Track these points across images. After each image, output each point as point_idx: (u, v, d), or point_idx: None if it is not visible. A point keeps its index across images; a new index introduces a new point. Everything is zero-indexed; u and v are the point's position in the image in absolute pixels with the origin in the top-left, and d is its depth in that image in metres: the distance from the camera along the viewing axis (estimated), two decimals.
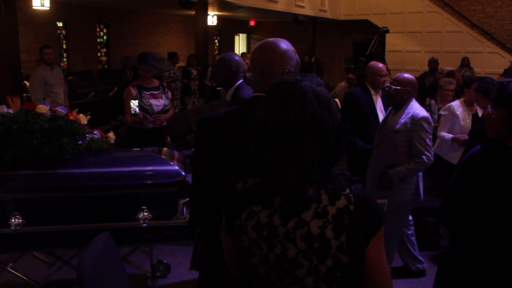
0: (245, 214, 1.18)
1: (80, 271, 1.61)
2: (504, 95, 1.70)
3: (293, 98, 1.13)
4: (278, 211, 1.15)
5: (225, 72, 2.98)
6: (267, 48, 1.60)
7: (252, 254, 1.18)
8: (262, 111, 1.18)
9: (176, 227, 2.51)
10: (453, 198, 1.79)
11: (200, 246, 1.79)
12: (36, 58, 7.58)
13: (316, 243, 1.12)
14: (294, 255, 1.13)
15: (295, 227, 1.13)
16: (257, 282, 1.20)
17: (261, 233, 1.16)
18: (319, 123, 1.12)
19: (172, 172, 2.53)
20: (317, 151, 1.12)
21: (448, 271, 1.84)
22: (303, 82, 1.16)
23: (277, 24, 17.83)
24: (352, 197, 1.14)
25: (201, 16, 9.76)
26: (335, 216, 1.12)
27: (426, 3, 13.61)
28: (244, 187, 1.20)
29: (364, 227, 1.13)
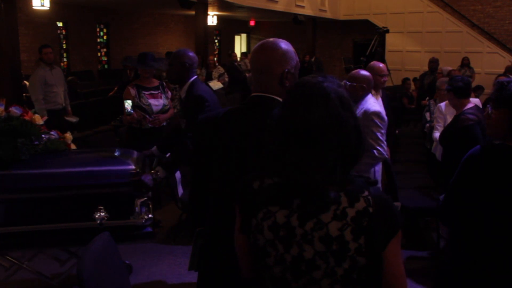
0: (262, 214, 1.18)
1: (80, 271, 1.61)
2: (504, 95, 1.70)
3: (317, 99, 1.13)
4: (296, 211, 1.14)
5: (178, 68, 2.95)
6: (267, 48, 1.60)
7: (267, 254, 1.18)
8: (284, 111, 1.17)
9: (134, 226, 2.51)
10: (453, 198, 1.79)
11: (199, 246, 1.79)
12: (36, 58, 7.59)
13: (334, 245, 1.11)
14: (311, 256, 1.13)
15: (314, 228, 1.13)
16: (272, 283, 1.20)
17: (277, 233, 1.15)
18: (342, 124, 1.13)
19: (128, 172, 2.52)
20: (339, 152, 1.12)
21: (448, 271, 1.83)
22: (326, 83, 1.16)
23: (277, 24, 17.83)
24: (371, 200, 1.13)
25: (201, 16, 9.75)
26: (354, 218, 1.12)
27: (426, 3, 13.61)
28: (261, 187, 1.19)
29: (382, 230, 1.13)
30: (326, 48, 17.04)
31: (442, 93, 4.84)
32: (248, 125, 1.58)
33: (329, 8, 14.29)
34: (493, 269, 1.68)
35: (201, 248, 1.79)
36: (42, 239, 2.48)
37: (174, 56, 3.03)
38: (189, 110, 2.95)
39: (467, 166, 1.74)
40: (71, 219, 2.47)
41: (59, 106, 6.09)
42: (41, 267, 3.03)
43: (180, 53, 3.03)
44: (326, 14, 14.27)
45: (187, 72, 2.95)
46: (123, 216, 2.51)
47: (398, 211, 1.20)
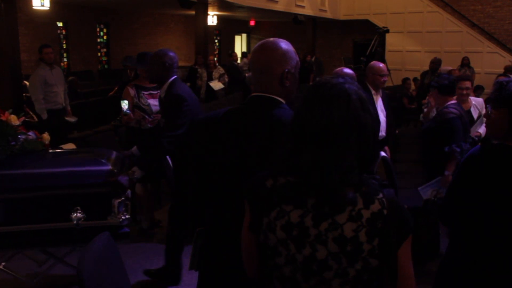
0: (275, 213, 1.17)
1: (80, 271, 1.61)
2: (503, 95, 1.70)
3: (338, 99, 1.13)
4: (311, 211, 1.14)
5: (158, 68, 2.95)
6: (268, 47, 1.60)
7: (278, 253, 1.17)
8: (303, 111, 1.17)
9: (111, 226, 2.51)
10: (453, 198, 1.79)
11: (199, 246, 1.79)
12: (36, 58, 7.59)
13: (349, 246, 1.11)
14: (323, 257, 1.13)
15: (328, 229, 1.13)
16: (280, 283, 1.19)
17: (290, 233, 1.15)
18: (361, 125, 1.13)
19: (105, 172, 2.53)
20: (358, 153, 1.12)
21: (448, 271, 1.84)
22: (347, 85, 1.16)
23: (277, 24, 17.83)
24: (385, 202, 1.14)
25: (201, 16, 9.75)
26: (369, 220, 1.12)
27: (426, 3, 13.61)
28: (275, 185, 1.19)
29: (396, 232, 1.13)
30: (326, 48, 17.03)
31: None
32: (248, 125, 1.58)
33: (329, 8, 14.29)
34: (493, 269, 1.68)
35: (201, 248, 1.79)
36: (18, 240, 2.48)
37: (155, 56, 3.04)
38: (168, 109, 2.95)
39: (467, 166, 1.74)
40: (48, 219, 2.46)
41: (59, 106, 6.09)
42: (19, 267, 3.01)
43: (161, 53, 3.04)
44: (326, 14, 14.27)
45: (167, 71, 2.96)
46: (100, 217, 2.51)
47: (410, 214, 1.21)
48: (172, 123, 2.88)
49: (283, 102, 1.60)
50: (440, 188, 3.41)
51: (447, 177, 3.43)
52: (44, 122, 5.95)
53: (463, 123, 3.47)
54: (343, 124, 1.11)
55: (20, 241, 2.50)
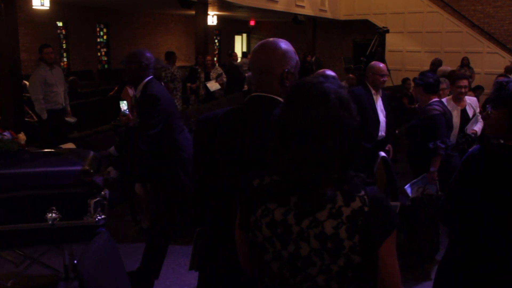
0: (260, 211, 1.20)
1: (80, 271, 1.61)
2: (503, 95, 1.70)
3: (316, 99, 1.14)
4: (293, 209, 1.16)
5: (134, 68, 2.96)
6: (268, 47, 1.60)
7: (266, 250, 1.20)
8: (284, 110, 1.19)
9: (87, 227, 2.51)
10: (453, 198, 1.79)
11: (199, 246, 1.79)
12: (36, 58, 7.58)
13: (329, 242, 1.13)
14: (307, 253, 1.15)
15: (309, 226, 1.15)
16: (270, 279, 1.22)
17: (275, 231, 1.18)
18: (340, 124, 1.14)
19: (80, 172, 2.53)
20: (337, 151, 1.13)
21: (448, 271, 1.84)
22: (326, 84, 1.17)
23: (277, 24, 17.83)
24: (367, 199, 1.15)
25: (201, 16, 9.75)
26: (350, 217, 1.13)
27: (426, 3, 13.61)
28: (261, 185, 1.22)
29: (377, 229, 1.14)
30: (326, 48, 17.03)
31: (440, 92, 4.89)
32: (248, 125, 1.58)
33: (329, 8, 14.28)
34: (493, 268, 1.68)
35: (201, 248, 1.79)
36: None
37: (132, 56, 3.05)
38: (142, 109, 2.95)
39: (467, 166, 1.74)
40: (23, 220, 2.46)
41: (59, 106, 6.08)
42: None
43: (137, 53, 3.05)
44: (326, 14, 14.27)
45: (143, 71, 2.97)
46: (76, 217, 2.52)
47: (394, 211, 1.21)
48: (146, 123, 2.88)
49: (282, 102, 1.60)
50: (426, 184, 3.42)
51: (432, 174, 3.45)
52: (44, 122, 5.95)
53: (447, 120, 3.51)
54: (322, 123, 1.12)
55: None
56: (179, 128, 3.07)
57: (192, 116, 6.71)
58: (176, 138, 3.01)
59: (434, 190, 3.42)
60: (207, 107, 7.32)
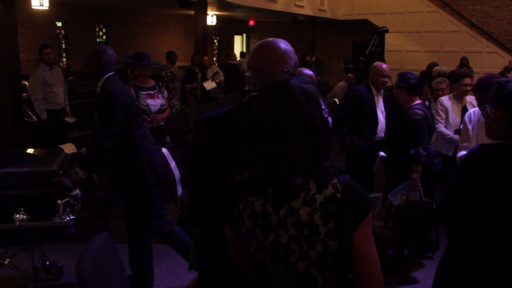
0: (242, 204, 1.26)
1: (79, 271, 1.61)
2: (502, 94, 1.70)
3: (283, 96, 1.21)
4: (271, 200, 1.22)
5: (95, 63, 2.96)
6: (267, 47, 1.60)
7: (249, 242, 1.26)
8: (254, 109, 1.25)
9: (55, 227, 2.50)
10: (453, 197, 1.79)
11: (199, 246, 1.79)
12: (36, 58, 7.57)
13: (305, 229, 1.19)
14: (286, 241, 1.21)
15: (286, 214, 1.20)
16: (255, 269, 1.27)
17: (256, 222, 1.24)
18: (308, 117, 1.20)
19: (48, 173, 2.52)
20: (307, 143, 1.19)
21: (447, 271, 1.84)
22: (291, 81, 1.23)
23: (276, 24, 17.83)
24: (339, 186, 1.20)
25: (200, 16, 9.75)
26: (323, 203, 1.19)
27: (426, 3, 13.62)
28: (242, 180, 1.28)
29: (351, 214, 1.19)
30: (325, 48, 17.03)
31: (439, 92, 4.91)
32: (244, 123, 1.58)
33: (329, 8, 14.28)
34: (492, 268, 1.68)
35: (201, 248, 1.79)
36: None
37: (93, 52, 3.05)
38: (101, 106, 2.94)
39: (466, 165, 1.74)
40: None
41: (58, 106, 6.08)
42: None
43: (99, 49, 3.04)
44: (325, 14, 14.27)
45: (103, 67, 2.96)
46: (44, 217, 2.50)
47: (368, 196, 1.26)
48: (106, 120, 2.86)
49: None
50: (409, 192, 3.39)
51: (414, 180, 3.39)
52: (43, 122, 5.94)
53: (428, 124, 3.48)
54: (290, 118, 1.18)
55: None
56: (137, 125, 3.02)
57: (191, 116, 6.71)
58: (134, 135, 2.97)
59: (417, 196, 3.39)
60: (206, 107, 7.32)
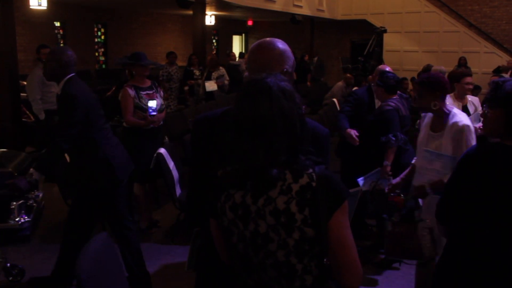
0: (224, 197, 1.32)
1: (78, 271, 1.61)
2: (499, 94, 1.71)
3: (261, 93, 1.27)
4: (250, 191, 1.28)
5: (54, 65, 2.93)
6: (266, 47, 1.60)
7: (232, 233, 1.31)
8: (235, 106, 1.32)
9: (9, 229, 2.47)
10: (451, 196, 1.80)
11: (197, 246, 1.79)
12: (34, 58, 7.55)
13: (282, 217, 1.24)
14: (265, 230, 1.26)
15: (264, 204, 1.26)
16: (238, 260, 1.32)
17: (236, 213, 1.29)
18: (285, 113, 1.26)
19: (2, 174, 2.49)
20: (284, 138, 1.25)
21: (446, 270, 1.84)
22: (268, 79, 1.30)
23: (275, 24, 17.83)
24: (314, 175, 1.26)
25: (199, 15, 9.75)
26: (298, 192, 1.24)
27: (424, 3, 13.63)
28: (223, 174, 1.34)
29: (326, 202, 1.24)
30: (324, 48, 17.04)
31: None
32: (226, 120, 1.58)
33: (327, 8, 14.29)
34: (491, 267, 1.69)
35: (199, 248, 1.79)
36: None
37: (51, 53, 3.01)
38: (61, 107, 2.92)
39: (464, 165, 1.75)
40: None
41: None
42: None
43: (58, 51, 3.01)
44: (324, 14, 14.27)
45: (64, 69, 2.94)
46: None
47: (342, 185, 1.31)
48: (65, 121, 2.84)
49: None
50: (379, 179, 3.44)
51: (385, 168, 3.52)
52: (41, 122, 5.93)
53: (401, 116, 3.61)
54: (268, 113, 1.25)
55: None
56: (98, 127, 3.00)
57: (189, 116, 6.71)
58: (94, 137, 2.95)
59: (385, 185, 3.44)
60: (205, 107, 7.31)
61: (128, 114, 3.99)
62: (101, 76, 13.20)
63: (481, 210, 1.70)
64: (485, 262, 1.69)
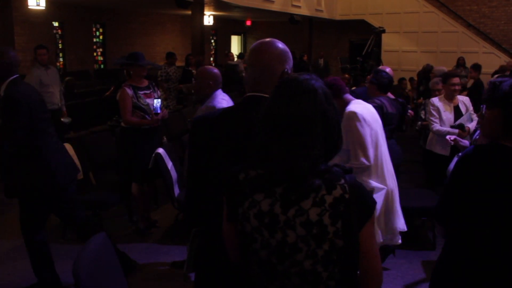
0: (248, 203, 1.27)
1: (76, 272, 1.61)
2: (496, 95, 1.71)
3: (305, 94, 1.24)
4: (279, 200, 1.24)
5: None
6: (267, 47, 1.60)
7: (254, 239, 1.27)
8: (272, 105, 1.27)
9: None
10: (449, 197, 1.80)
11: (195, 246, 1.79)
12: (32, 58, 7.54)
13: (314, 229, 1.22)
14: (293, 240, 1.23)
15: (295, 214, 1.23)
16: (258, 265, 1.29)
17: (262, 221, 1.25)
18: (326, 117, 1.24)
19: None
20: (323, 143, 1.23)
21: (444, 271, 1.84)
22: (313, 81, 1.28)
23: (273, 24, 17.84)
24: (347, 187, 1.24)
25: (197, 16, 9.74)
26: (332, 204, 1.22)
27: (422, 3, 13.65)
28: (246, 178, 1.29)
29: (357, 214, 1.23)
30: (322, 48, 17.04)
31: (436, 93, 4.94)
32: (243, 125, 1.58)
33: (326, 8, 14.31)
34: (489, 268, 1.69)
35: (198, 249, 1.79)
36: None
37: None
38: (3, 110, 2.88)
39: (461, 166, 1.75)
40: None
41: (55, 106, 6.06)
42: None
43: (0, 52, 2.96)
44: (322, 14, 14.29)
45: (5, 71, 2.89)
46: None
47: (371, 196, 1.31)
48: (9, 125, 2.81)
49: None
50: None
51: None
52: None
53: (384, 113, 3.65)
54: (311, 115, 1.22)
55: None
56: (41, 130, 2.95)
57: (188, 116, 6.71)
58: (36, 142, 2.91)
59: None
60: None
61: (127, 114, 3.98)
62: (99, 76, 13.20)
63: (479, 211, 1.70)
64: (484, 263, 1.69)
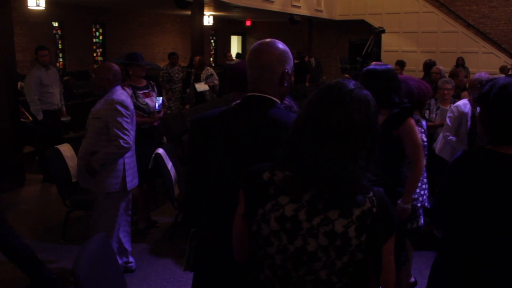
0: (270, 205, 1.23)
1: (76, 271, 1.61)
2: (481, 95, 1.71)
3: (358, 103, 1.21)
4: (305, 206, 1.21)
5: None
6: (268, 47, 1.60)
7: (270, 243, 1.24)
8: (322, 111, 1.21)
9: None
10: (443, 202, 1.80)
11: (194, 246, 1.79)
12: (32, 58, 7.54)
13: (338, 240, 1.19)
14: (313, 249, 1.20)
15: (320, 224, 1.20)
16: (270, 269, 1.26)
17: (284, 225, 1.22)
18: (374, 129, 1.23)
19: None
20: (367, 155, 1.21)
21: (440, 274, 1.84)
22: (364, 91, 1.25)
23: (273, 24, 17.84)
24: (375, 200, 1.21)
25: (197, 16, 9.74)
26: (359, 217, 1.19)
27: (422, 3, 13.65)
28: (272, 179, 1.25)
29: (383, 229, 1.21)
30: (322, 48, 17.06)
31: (444, 92, 4.84)
32: (244, 125, 1.58)
33: (325, 8, 14.31)
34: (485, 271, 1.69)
35: (196, 248, 1.79)
36: None
37: None
38: None
39: (454, 169, 1.75)
40: None
41: (54, 106, 6.06)
42: None
43: None
44: (322, 14, 14.29)
45: None
46: None
47: (396, 211, 1.28)
48: None
49: (278, 102, 1.60)
50: None
51: None
52: (39, 122, 5.93)
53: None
54: (363, 126, 1.20)
55: None
56: None
57: (188, 116, 6.72)
58: None
59: None
60: (203, 108, 7.31)
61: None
62: None
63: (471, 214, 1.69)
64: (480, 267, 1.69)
